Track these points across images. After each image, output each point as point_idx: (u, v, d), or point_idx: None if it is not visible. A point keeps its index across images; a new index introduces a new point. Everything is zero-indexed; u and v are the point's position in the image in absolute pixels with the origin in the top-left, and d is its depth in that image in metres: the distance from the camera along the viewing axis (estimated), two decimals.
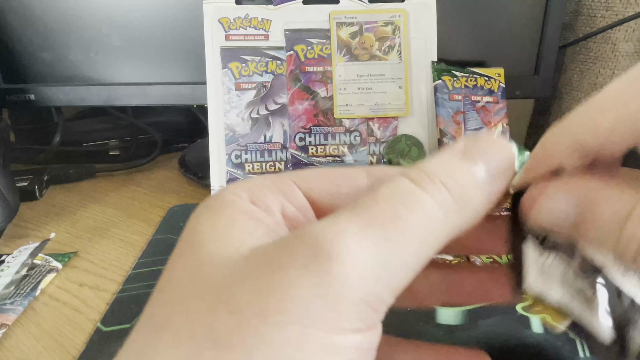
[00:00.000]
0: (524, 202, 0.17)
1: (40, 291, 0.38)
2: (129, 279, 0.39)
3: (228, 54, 0.52)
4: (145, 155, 0.64)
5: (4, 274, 0.40)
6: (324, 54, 0.53)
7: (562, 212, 0.16)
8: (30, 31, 0.53)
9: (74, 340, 0.33)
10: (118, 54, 0.55)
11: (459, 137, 0.53)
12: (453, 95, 0.53)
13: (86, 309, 0.36)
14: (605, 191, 0.15)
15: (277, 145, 0.53)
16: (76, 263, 0.42)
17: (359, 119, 0.53)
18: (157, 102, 0.56)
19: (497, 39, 0.56)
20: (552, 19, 0.55)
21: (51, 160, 0.64)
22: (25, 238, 0.47)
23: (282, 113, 0.53)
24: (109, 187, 0.58)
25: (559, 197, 0.16)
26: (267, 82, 0.52)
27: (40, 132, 0.67)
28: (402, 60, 0.53)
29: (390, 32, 0.53)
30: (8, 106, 0.59)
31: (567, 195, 0.16)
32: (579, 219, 0.15)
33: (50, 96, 0.56)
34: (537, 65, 0.57)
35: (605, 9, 0.60)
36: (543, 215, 0.16)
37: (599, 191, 0.15)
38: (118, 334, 0.33)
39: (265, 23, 0.52)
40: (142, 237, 0.46)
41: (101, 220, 0.50)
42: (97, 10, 0.53)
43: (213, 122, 0.52)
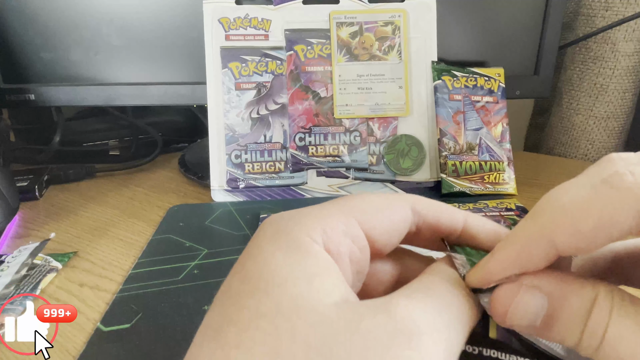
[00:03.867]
0: (496, 304, 0.17)
1: (40, 291, 0.38)
2: (129, 279, 0.39)
3: (228, 54, 0.52)
4: (145, 155, 0.64)
5: (4, 274, 0.40)
6: (324, 54, 0.53)
7: (535, 311, 0.16)
8: (30, 31, 0.53)
9: (74, 340, 0.33)
10: (118, 54, 0.55)
11: (459, 137, 0.53)
12: (453, 95, 0.53)
13: (86, 309, 0.36)
14: (568, 287, 0.16)
15: (277, 145, 0.53)
16: (76, 263, 0.42)
17: (359, 118, 0.53)
18: (157, 102, 0.56)
19: (497, 39, 0.56)
20: (552, 19, 0.55)
21: (51, 160, 0.64)
22: (25, 238, 0.47)
23: (282, 113, 0.53)
24: (109, 187, 0.58)
25: (531, 299, 0.16)
26: (267, 82, 0.52)
27: (40, 132, 0.67)
28: (402, 60, 0.53)
29: (390, 32, 0.53)
30: (8, 106, 0.59)
31: (537, 296, 0.16)
32: (544, 319, 0.16)
33: (50, 96, 0.56)
34: (537, 65, 0.57)
35: (605, 9, 0.60)
36: (518, 316, 0.17)
37: (564, 288, 0.16)
38: (118, 334, 0.33)
39: (265, 23, 0.52)
40: (142, 237, 0.46)
41: (101, 220, 0.50)
42: (97, 10, 0.53)
43: (213, 122, 0.52)
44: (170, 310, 0.35)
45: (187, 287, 0.37)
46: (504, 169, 0.53)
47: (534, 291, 0.16)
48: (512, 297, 0.17)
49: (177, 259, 0.41)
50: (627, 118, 0.65)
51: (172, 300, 0.36)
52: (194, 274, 0.39)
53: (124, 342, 0.32)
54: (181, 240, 0.44)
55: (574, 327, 0.16)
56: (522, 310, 0.17)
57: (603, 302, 0.15)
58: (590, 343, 0.15)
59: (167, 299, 0.36)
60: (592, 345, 0.15)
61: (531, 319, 0.16)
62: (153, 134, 0.67)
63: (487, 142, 0.53)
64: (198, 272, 0.39)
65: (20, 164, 0.62)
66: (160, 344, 0.31)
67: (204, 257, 0.41)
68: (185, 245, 0.43)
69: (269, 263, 0.16)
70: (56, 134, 0.63)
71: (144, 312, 0.35)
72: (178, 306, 0.35)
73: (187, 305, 0.35)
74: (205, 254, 0.42)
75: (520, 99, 0.60)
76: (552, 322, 0.16)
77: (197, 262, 0.41)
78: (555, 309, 0.16)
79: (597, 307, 0.15)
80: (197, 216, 0.49)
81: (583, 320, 0.15)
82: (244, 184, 0.52)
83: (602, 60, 0.62)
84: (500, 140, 0.54)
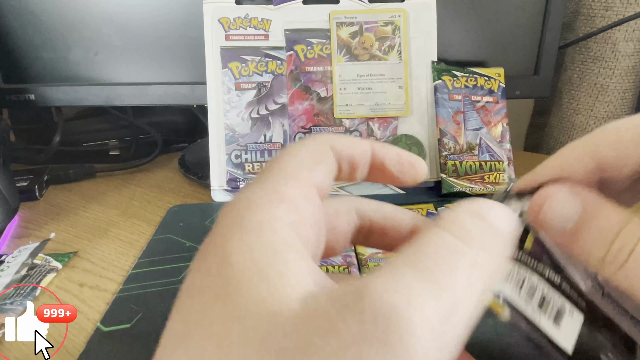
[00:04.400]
0: (536, 200, 0.18)
1: (40, 291, 0.38)
2: (129, 279, 0.39)
3: (228, 54, 0.52)
4: (145, 155, 0.64)
5: (4, 274, 0.40)
6: (324, 54, 0.53)
7: (566, 215, 0.17)
8: (30, 31, 0.53)
9: (74, 340, 0.33)
10: (118, 54, 0.55)
11: (459, 137, 0.53)
12: (453, 95, 0.53)
13: (86, 309, 0.36)
14: (604, 204, 0.17)
15: (277, 145, 0.53)
16: (76, 263, 0.42)
17: (359, 118, 0.53)
18: (157, 102, 0.56)
19: (497, 39, 0.56)
20: (552, 19, 0.55)
21: (51, 160, 0.64)
22: (25, 238, 0.47)
23: (282, 113, 0.53)
24: (109, 187, 0.58)
25: (567, 200, 0.18)
26: (267, 82, 0.52)
27: (40, 132, 0.67)
28: (402, 60, 0.53)
29: (390, 32, 0.53)
30: (8, 106, 0.59)
31: (574, 199, 0.17)
32: (576, 226, 0.17)
33: (50, 96, 0.56)
34: (537, 65, 0.57)
35: (605, 9, 0.60)
36: (552, 214, 0.18)
37: (599, 204, 0.17)
38: (118, 334, 0.33)
39: (265, 23, 0.52)
40: (142, 237, 0.46)
41: (101, 220, 0.50)
42: (97, 10, 0.53)
43: (213, 122, 0.52)
44: (170, 310, 0.35)
45: None
46: (504, 169, 0.53)
47: (571, 193, 0.18)
48: (550, 194, 0.18)
49: (177, 259, 0.41)
50: None
51: (172, 300, 0.36)
52: None
53: (124, 342, 0.32)
54: (181, 240, 0.44)
55: (603, 240, 0.16)
56: (557, 208, 0.17)
57: (635, 225, 0.16)
58: (616, 259, 0.16)
59: (167, 299, 0.36)
60: (616, 262, 0.16)
61: (563, 219, 0.17)
62: (153, 134, 0.67)
63: (487, 142, 0.53)
64: None
65: (20, 164, 0.62)
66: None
67: None
68: (185, 245, 0.43)
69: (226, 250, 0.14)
70: (56, 134, 0.63)
71: (144, 312, 0.35)
72: None
73: None
74: None
75: (520, 99, 0.60)
76: (583, 231, 0.17)
77: None
78: (588, 219, 0.17)
79: (629, 227, 0.16)
80: (197, 216, 0.49)
81: (613, 235, 0.16)
82: (244, 184, 0.52)
83: (602, 60, 0.62)
84: (500, 140, 0.54)
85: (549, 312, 0.19)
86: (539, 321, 0.19)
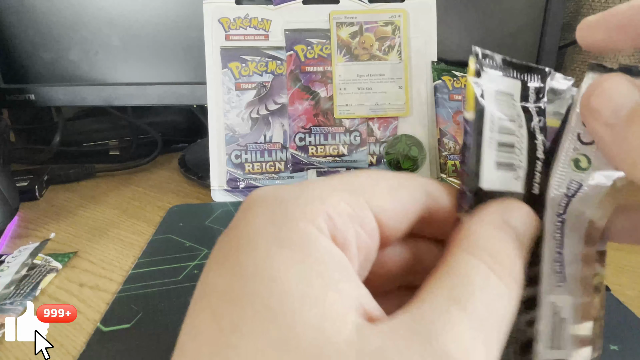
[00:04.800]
0: (593, 84, 0.16)
1: (40, 291, 0.38)
2: (129, 279, 0.39)
3: (228, 54, 0.52)
4: (145, 155, 0.64)
5: (4, 274, 0.40)
6: (324, 54, 0.53)
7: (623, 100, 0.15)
8: (30, 31, 0.53)
9: (74, 340, 0.33)
10: (118, 54, 0.55)
11: (459, 137, 0.53)
12: (453, 95, 0.53)
13: (86, 309, 0.36)
14: None
15: (277, 145, 0.53)
16: (76, 263, 0.42)
17: (359, 119, 0.53)
18: (157, 102, 0.56)
19: (497, 39, 0.56)
20: (552, 19, 0.55)
21: (51, 160, 0.64)
22: (25, 238, 0.47)
23: (282, 113, 0.53)
24: (109, 187, 0.58)
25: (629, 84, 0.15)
26: (267, 82, 0.52)
27: (40, 132, 0.67)
28: (402, 60, 0.53)
29: (390, 32, 0.53)
30: (8, 106, 0.59)
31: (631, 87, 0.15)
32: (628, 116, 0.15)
33: (50, 96, 0.56)
34: None
35: (605, 9, 0.60)
36: (605, 98, 0.15)
37: None
38: (118, 334, 0.33)
39: (265, 23, 0.52)
40: (142, 237, 0.46)
41: (101, 220, 0.50)
42: (97, 10, 0.53)
43: (213, 122, 0.52)
44: (170, 310, 0.35)
45: (187, 287, 0.37)
46: None
47: (632, 83, 0.15)
48: (608, 78, 0.15)
49: (177, 259, 0.41)
50: None
51: (172, 300, 0.36)
52: (194, 274, 0.39)
53: (124, 342, 0.32)
54: (181, 240, 0.44)
55: None
56: (612, 91, 0.15)
57: None
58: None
59: (167, 299, 0.36)
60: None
61: (616, 106, 0.15)
62: (153, 134, 0.67)
63: None
64: (198, 272, 0.39)
65: (20, 164, 0.62)
66: (160, 344, 0.31)
67: (204, 257, 0.41)
68: (185, 245, 0.43)
69: (272, 268, 0.13)
70: (56, 134, 0.63)
71: (144, 312, 0.35)
72: (178, 306, 0.35)
73: (187, 305, 0.35)
74: (205, 254, 0.42)
75: None
76: (633, 125, 0.14)
77: (197, 262, 0.41)
78: None
79: None
80: (197, 216, 0.49)
81: None
82: (244, 184, 0.52)
83: (602, 60, 0.62)
84: None
85: (503, 153, 0.17)
86: (487, 146, 0.17)
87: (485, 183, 0.17)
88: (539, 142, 0.18)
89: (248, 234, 0.14)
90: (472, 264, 0.14)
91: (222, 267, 0.14)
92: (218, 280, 0.13)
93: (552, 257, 0.18)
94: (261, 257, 0.13)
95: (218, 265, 0.14)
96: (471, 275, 0.14)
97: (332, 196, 0.15)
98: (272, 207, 0.14)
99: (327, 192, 0.15)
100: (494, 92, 0.18)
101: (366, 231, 0.15)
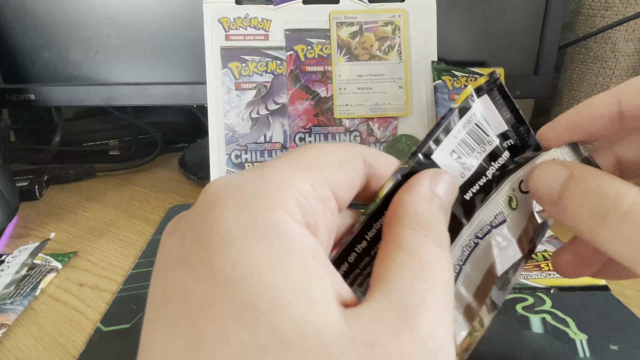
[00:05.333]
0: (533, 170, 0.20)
1: (40, 291, 0.38)
2: (129, 279, 0.39)
3: (228, 54, 0.52)
4: (145, 155, 0.64)
5: (4, 274, 0.40)
6: (324, 54, 0.53)
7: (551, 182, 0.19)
8: (30, 31, 0.53)
9: (74, 340, 0.33)
10: (118, 54, 0.55)
11: None
12: (453, 95, 0.53)
13: (86, 309, 0.36)
14: (591, 169, 0.18)
15: (277, 145, 0.53)
16: (76, 263, 0.42)
17: (359, 118, 0.53)
18: (157, 102, 0.56)
19: (497, 39, 0.56)
20: (552, 19, 0.55)
21: (51, 160, 0.64)
22: (25, 238, 0.47)
23: (282, 113, 0.53)
24: (109, 187, 0.58)
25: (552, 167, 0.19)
26: (267, 82, 0.52)
27: (40, 132, 0.67)
28: (402, 60, 0.53)
29: (390, 32, 0.53)
30: (8, 106, 0.59)
31: (559, 167, 0.19)
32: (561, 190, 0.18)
33: (50, 96, 0.56)
34: (537, 65, 0.57)
35: (605, 9, 0.60)
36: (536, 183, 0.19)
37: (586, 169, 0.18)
38: (118, 334, 0.33)
39: (265, 23, 0.52)
40: (142, 237, 0.46)
41: (101, 220, 0.50)
42: (97, 10, 0.53)
43: (213, 122, 0.52)
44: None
45: None
46: None
47: (558, 163, 0.19)
48: (544, 166, 0.19)
49: None
50: None
51: None
52: None
53: (124, 342, 0.32)
54: None
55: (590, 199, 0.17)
56: (541, 175, 0.19)
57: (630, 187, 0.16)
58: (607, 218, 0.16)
59: None
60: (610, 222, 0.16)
61: (549, 187, 0.19)
62: (153, 134, 0.67)
63: None
64: None
65: (20, 164, 0.62)
66: None
67: None
68: None
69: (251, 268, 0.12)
70: (56, 134, 0.63)
71: (144, 312, 0.35)
72: None
73: None
74: None
75: (520, 99, 0.60)
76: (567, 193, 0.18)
77: None
78: (574, 183, 0.18)
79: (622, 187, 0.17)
80: None
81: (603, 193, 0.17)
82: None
83: (602, 60, 0.62)
84: None
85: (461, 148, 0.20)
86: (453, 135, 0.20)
87: (437, 155, 0.19)
88: (494, 167, 0.21)
89: (220, 231, 0.13)
90: (417, 239, 0.16)
91: (195, 270, 0.13)
92: (193, 285, 0.13)
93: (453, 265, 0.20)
94: (239, 258, 0.12)
95: (189, 266, 0.13)
96: (420, 250, 0.15)
97: (296, 178, 0.15)
98: (240, 199, 0.14)
99: (289, 174, 0.15)
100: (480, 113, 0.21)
101: (329, 210, 0.16)
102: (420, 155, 0.19)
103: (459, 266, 0.20)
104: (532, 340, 0.31)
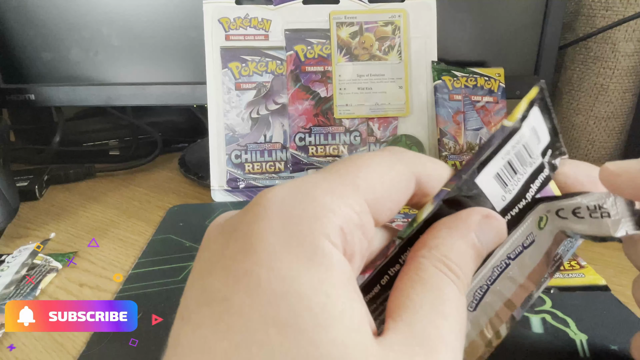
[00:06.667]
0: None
1: (40, 291, 0.38)
2: (129, 279, 0.39)
3: (228, 54, 0.52)
4: (145, 155, 0.64)
5: (4, 274, 0.40)
6: (324, 54, 0.53)
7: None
8: (30, 31, 0.53)
9: (74, 340, 0.33)
10: (118, 54, 0.55)
11: (459, 137, 0.53)
12: (453, 95, 0.53)
13: None
14: None
15: (277, 145, 0.53)
16: (76, 263, 0.42)
17: (359, 119, 0.53)
18: (157, 102, 0.56)
19: (497, 39, 0.56)
20: (552, 19, 0.55)
21: (51, 160, 0.64)
22: (25, 238, 0.47)
23: (282, 113, 0.53)
24: (109, 187, 0.58)
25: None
26: (267, 82, 0.52)
27: (40, 132, 0.67)
28: (402, 60, 0.53)
29: (390, 32, 0.53)
30: (8, 106, 0.59)
31: None
32: None
33: (50, 96, 0.56)
34: (537, 65, 0.57)
35: (605, 9, 0.60)
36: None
37: None
38: (118, 333, 0.33)
39: (265, 23, 0.52)
40: (142, 237, 0.46)
41: (101, 220, 0.50)
42: (97, 10, 0.53)
43: (213, 122, 0.52)
44: (170, 310, 0.35)
45: None
46: None
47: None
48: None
49: (177, 259, 0.41)
50: (627, 118, 0.65)
51: (172, 300, 0.36)
52: None
53: (124, 342, 0.32)
54: (181, 240, 0.44)
55: None
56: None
57: None
58: None
59: (167, 299, 0.36)
60: None
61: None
62: (153, 134, 0.67)
63: None
64: None
65: (20, 164, 0.62)
66: (160, 344, 0.31)
67: None
68: (186, 245, 0.43)
69: (294, 283, 0.13)
70: (56, 134, 0.63)
71: (144, 312, 0.35)
72: (178, 306, 0.35)
73: None
74: None
75: (520, 99, 0.60)
76: None
77: None
78: None
79: None
80: (197, 216, 0.49)
81: None
82: (244, 184, 0.52)
83: (602, 60, 0.62)
84: None
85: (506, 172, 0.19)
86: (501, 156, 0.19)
87: (481, 179, 0.18)
88: (533, 189, 0.20)
89: (266, 246, 0.14)
90: (442, 279, 0.16)
91: (238, 279, 0.13)
92: (234, 293, 0.13)
93: (480, 284, 0.19)
94: (283, 274, 0.13)
95: (232, 275, 0.13)
96: (442, 288, 0.16)
97: (344, 206, 0.15)
98: (289, 218, 0.14)
99: (339, 200, 0.15)
100: (531, 126, 0.19)
101: (367, 238, 0.16)
102: (465, 176, 0.18)
103: (487, 286, 0.19)
104: (532, 340, 0.31)
